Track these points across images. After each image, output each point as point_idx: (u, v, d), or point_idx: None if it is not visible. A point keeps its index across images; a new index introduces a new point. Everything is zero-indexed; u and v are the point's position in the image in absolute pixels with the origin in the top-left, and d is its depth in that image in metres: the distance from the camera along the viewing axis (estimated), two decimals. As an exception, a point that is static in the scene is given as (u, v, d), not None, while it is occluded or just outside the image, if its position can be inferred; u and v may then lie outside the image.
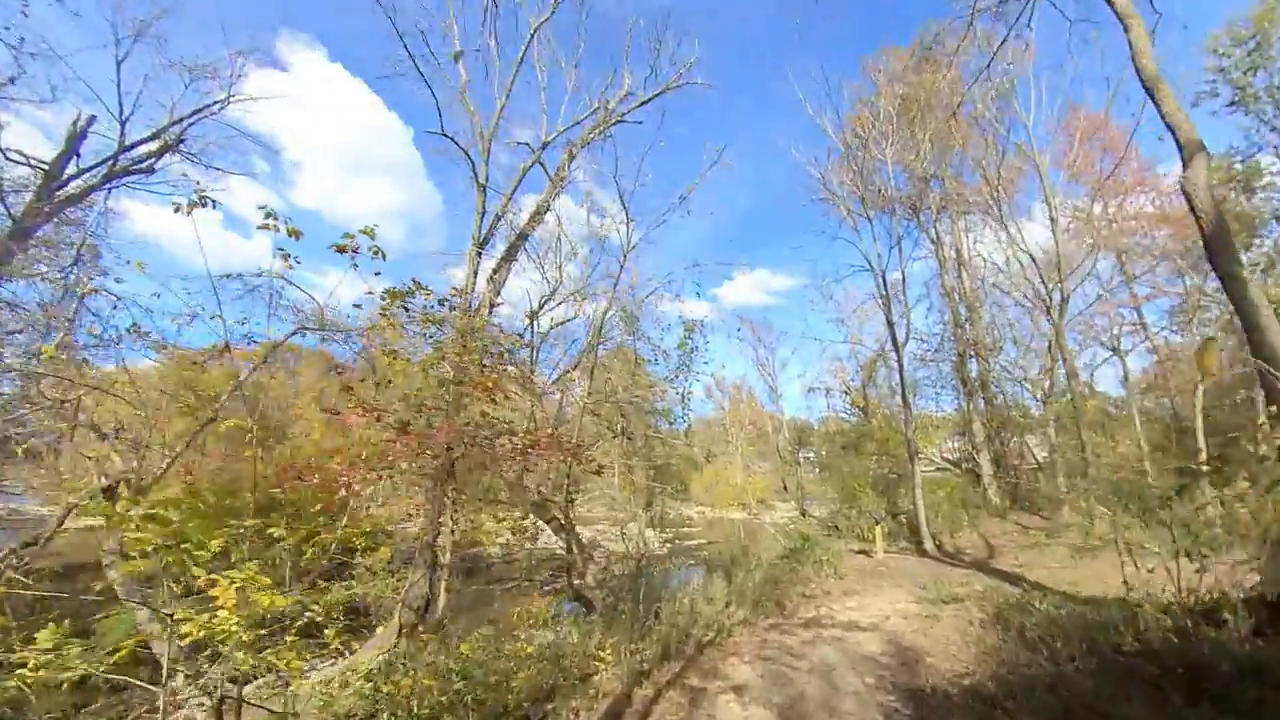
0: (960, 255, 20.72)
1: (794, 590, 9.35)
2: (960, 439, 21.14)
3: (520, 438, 6.53)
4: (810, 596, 9.09)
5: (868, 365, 20.53)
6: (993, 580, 9.40)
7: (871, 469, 18.37)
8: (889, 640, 6.39)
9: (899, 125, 15.67)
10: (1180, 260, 18.08)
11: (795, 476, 19.51)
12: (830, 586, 9.70)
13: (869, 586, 9.61)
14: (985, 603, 7.40)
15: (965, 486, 18.07)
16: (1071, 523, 16.41)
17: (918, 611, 7.61)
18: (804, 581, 9.95)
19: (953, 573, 10.39)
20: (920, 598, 8.35)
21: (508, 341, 6.38)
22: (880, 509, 14.35)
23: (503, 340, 6.27)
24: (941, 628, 6.67)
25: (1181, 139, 6.04)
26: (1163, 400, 24.10)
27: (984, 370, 20.30)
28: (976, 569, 10.61)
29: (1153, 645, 4.75)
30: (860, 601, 8.59)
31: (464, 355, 5.92)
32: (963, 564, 11.46)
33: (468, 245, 14.34)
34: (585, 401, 10.23)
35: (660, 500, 11.97)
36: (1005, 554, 11.96)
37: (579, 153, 15.54)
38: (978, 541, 14.11)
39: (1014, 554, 11.87)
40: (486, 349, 6.26)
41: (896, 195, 15.01)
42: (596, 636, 6.10)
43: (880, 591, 9.20)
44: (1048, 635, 5.36)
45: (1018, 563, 10.82)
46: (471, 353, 6.22)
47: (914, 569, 11.04)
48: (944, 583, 9.18)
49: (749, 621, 8.14)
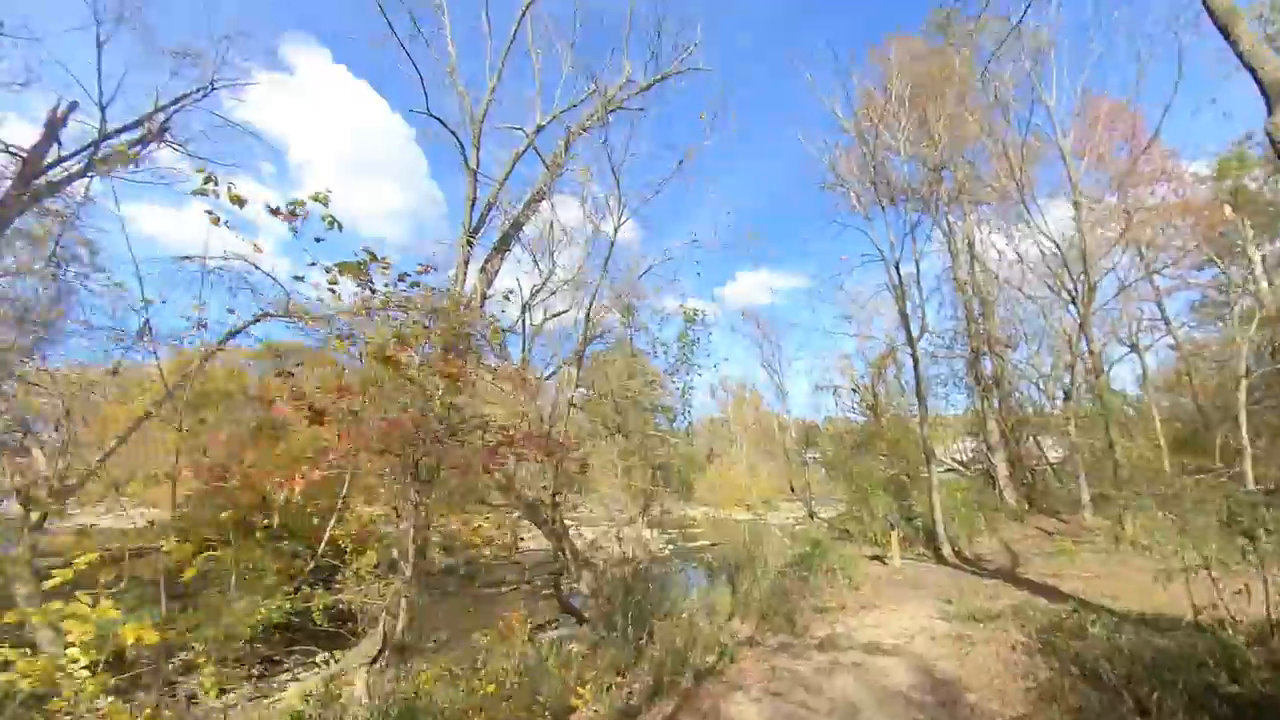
0: (973, 248, 19.67)
1: (805, 603, 8.38)
2: (973, 439, 20.06)
3: (492, 434, 5.60)
4: (823, 610, 8.11)
5: (877, 362, 19.51)
6: (1023, 593, 8.38)
7: (882, 470, 17.34)
8: (919, 669, 5.41)
9: (910, 109, 14.68)
10: (1207, 249, 16.96)
11: (802, 477, 18.48)
12: (845, 598, 8.71)
13: (888, 598, 8.61)
14: (1024, 622, 6.41)
15: (980, 488, 17.00)
16: (1094, 526, 15.35)
17: (947, 631, 6.62)
18: (816, 592, 8.97)
19: (977, 583, 9.38)
20: (947, 613, 7.36)
21: (480, 323, 5.48)
22: (893, 512, 13.33)
23: (468, 317, 5.33)
24: (979, 654, 5.68)
25: (1265, 79, 5.01)
26: (1180, 398, 22.96)
27: (998, 367, 19.21)
28: (1002, 579, 9.58)
29: (1258, 687, 3.76)
30: (880, 617, 7.61)
31: (422, 338, 5.00)
32: (985, 572, 10.43)
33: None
34: (574, 396, 9.31)
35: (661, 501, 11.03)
36: (1030, 561, 10.92)
37: (576, 140, 14.60)
38: (997, 547, 13.06)
39: (1040, 561, 10.83)
40: (455, 332, 5.34)
41: (908, 183, 14.03)
42: (575, 668, 5.13)
43: (901, 604, 8.21)
44: (1116, 669, 4.38)
45: (1046, 572, 9.78)
46: (439, 336, 5.29)
47: (934, 578, 10.03)
48: (970, 595, 8.18)
49: (755, 641, 7.18)
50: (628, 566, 9.59)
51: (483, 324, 5.88)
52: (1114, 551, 11.07)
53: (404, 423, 4.94)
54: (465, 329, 5.60)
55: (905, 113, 14.62)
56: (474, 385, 5.59)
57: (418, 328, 5.26)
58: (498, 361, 7.15)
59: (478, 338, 5.76)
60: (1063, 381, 17.66)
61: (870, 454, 18.19)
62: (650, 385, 10.26)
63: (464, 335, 5.31)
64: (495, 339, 7.03)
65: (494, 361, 6.29)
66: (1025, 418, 19.25)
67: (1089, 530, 14.73)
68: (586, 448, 10.93)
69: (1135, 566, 9.91)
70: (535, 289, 11.37)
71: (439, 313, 5.50)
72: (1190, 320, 22.67)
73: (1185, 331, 20.92)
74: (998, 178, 14.63)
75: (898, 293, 13.03)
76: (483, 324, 5.88)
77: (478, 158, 13.55)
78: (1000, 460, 18.05)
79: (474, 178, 13.52)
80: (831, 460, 20.02)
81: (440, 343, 5.20)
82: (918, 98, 15.65)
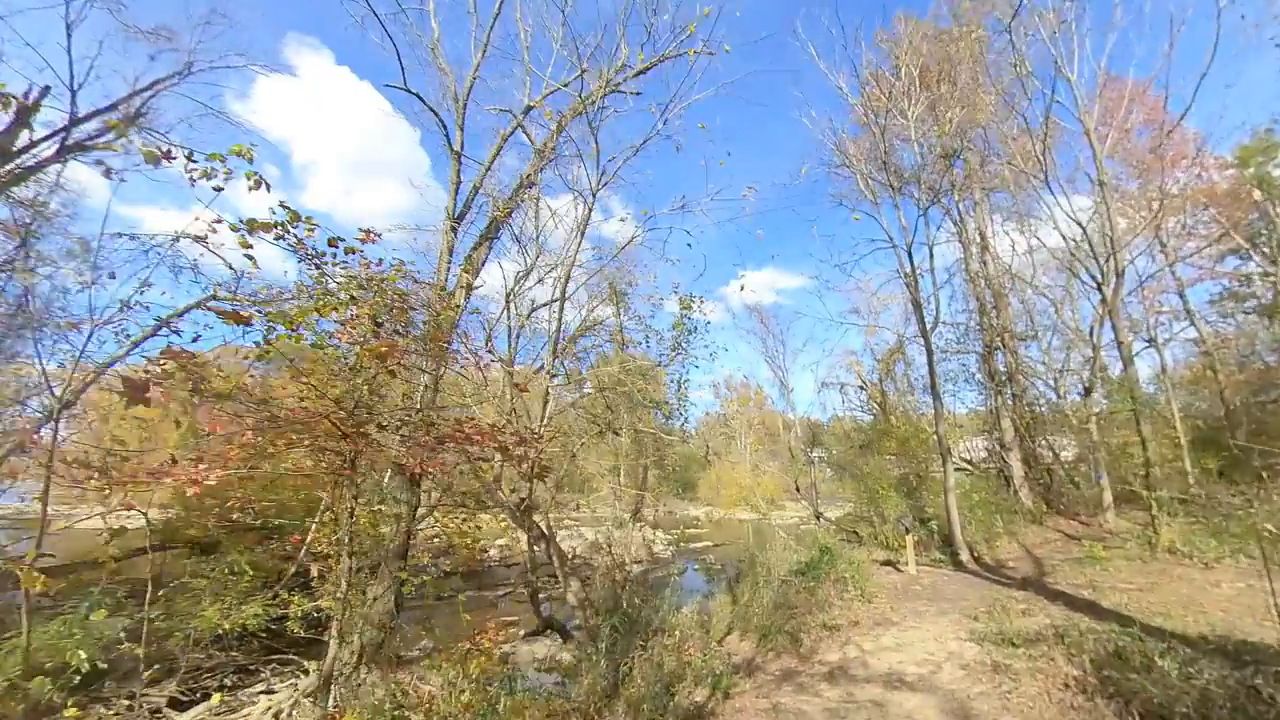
0: (984, 238, 18.54)
1: (812, 619, 7.34)
2: (986, 437, 18.91)
3: (433, 428, 4.62)
4: (833, 628, 7.07)
5: (886, 357, 18.41)
6: (1059, 608, 7.30)
7: (892, 470, 16.24)
8: (954, 713, 4.38)
9: (921, 89, 13.63)
10: (1236, 236, 15.79)
11: (808, 477, 17.40)
12: (858, 612, 7.67)
13: (906, 613, 7.56)
14: (1072, 648, 5.35)
15: (995, 489, 15.87)
16: (1118, 530, 14.22)
17: (980, 658, 5.58)
18: (824, 605, 7.93)
19: (1003, 594, 8.30)
20: (977, 634, 6.31)
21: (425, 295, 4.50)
22: (907, 514, 12.25)
23: (388, 287, 4.33)
24: (1025, 690, 4.64)
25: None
26: (1199, 394, 21.72)
27: (1011, 363, 18.06)
28: (1031, 589, 8.50)
29: None
30: (899, 637, 6.56)
31: (345, 309, 4.02)
32: (1011, 581, 9.35)
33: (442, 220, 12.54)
34: (550, 388, 8.31)
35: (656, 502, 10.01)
36: (1058, 569, 9.82)
37: (569, 124, 13.57)
38: (1017, 552, 11.96)
39: (1069, 569, 9.73)
40: (389, 307, 4.35)
41: (920, 165, 12.97)
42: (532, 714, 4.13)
43: (922, 621, 7.15)
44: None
45: (1079, 582, 8.69)
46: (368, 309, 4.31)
47: (956, 589, 8.96)
48: (1001, 610, 7.12)
49: (755, 666, 6.16)
50: (617, 574, 8.60)
51: (442, 306, 4.92)
52: (1150, 559, 9.96)
53: (320, 412, 3.97)
54: (441, 317, 4.65)
55: (915, 92, 13.57)
56: (405, 367, 4.58)
57: (331, 300, 4.28)
58: (468, 353, 6.17)
59: (405, 306, 4.71)
60: (1081, 376, 16.50)
61: (879, 453, 17.08)
62: (644, 378, 9.23)
63: (447, 327, 4.32)
64: (446, 319, 6.03)
65: (456, 350, 5.30)
66: (1041, 415, 18.09)
67: (1114, 534, 13.60)
68: (573, 445, 9.93)
69: (1178, 576, 8.81)
70: (520, 275, 10.40)
71: (366, 282, 4.50)
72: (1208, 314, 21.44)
73: (1208, 326, 19.67)
74: (1014, 157, 13.52)
75: (909, 280, 11.96)
76: (442, 306, 4.92)
77: (461, 139, 12.59)
78: (1015, 459, 16.91)
79: (458, 160, 12.56)
80: (839, 460, 18.91)
81: (364, 314, 4.21)
82: (927, 77, 14.60)
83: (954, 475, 16.51)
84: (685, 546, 28.91)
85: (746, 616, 8.48)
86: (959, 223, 18.24)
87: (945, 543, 11.65)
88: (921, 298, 12.21)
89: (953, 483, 11.17)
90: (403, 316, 4.20)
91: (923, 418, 17.87)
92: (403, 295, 4.53)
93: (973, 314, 18.40)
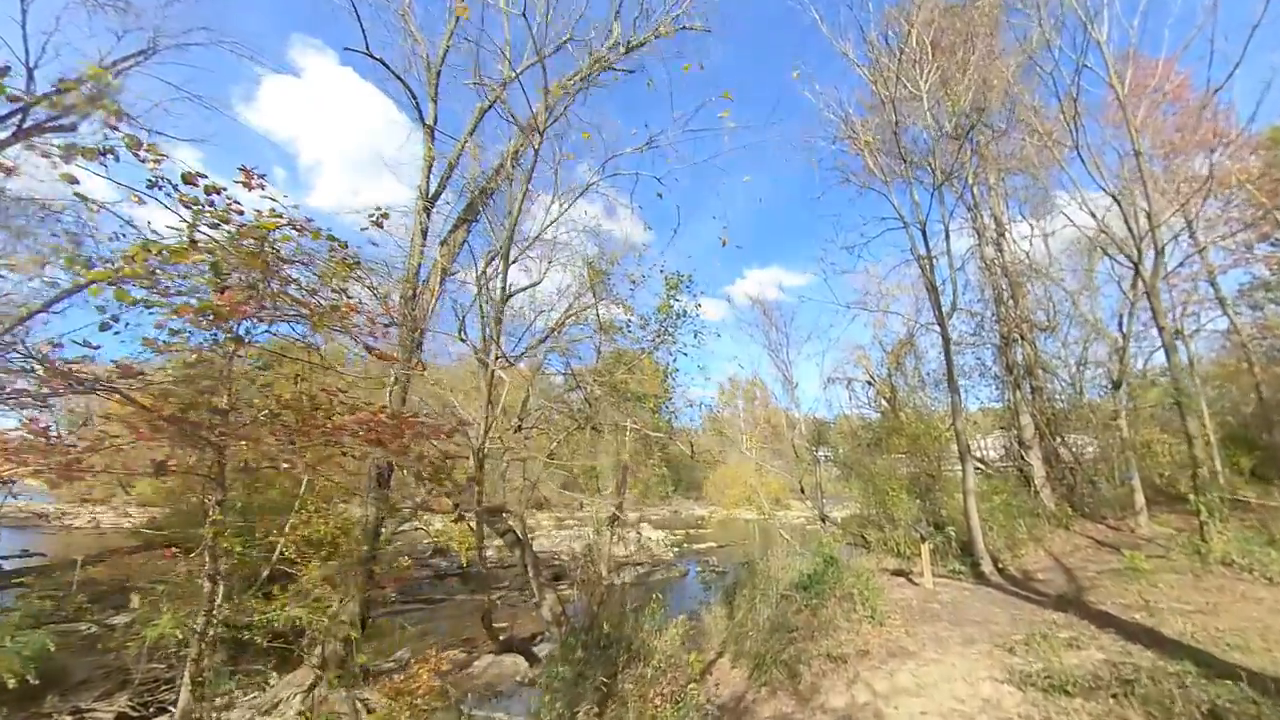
0: (1000, 223, 17.13)
1: (815, 647, 6.09)
2: (1003, 435, 17.47)
3: (314, 416, 3.44)
4: (839, 659, 5.81)
5: (896, 349, 17.04)
6: (1110, 636, 5.99)
7: (902, 469, 14.88)
8: (1006, 807, 3.13)
9: (934, 58, 12.30)
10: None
11: (813, 476, 16.09)
12: (868, 638, 6.40)
13: (926, 640, 6.28)
14: (1146, 702, 4.07)
15: (1015, 490, 14.46)
16: (1152, 535, 12.79)
17: (1024, 710, 4.31)
18: (828, 628, 6.67)
19: (1040, 617, 7.00)
20: (1016, 672, 5.02)
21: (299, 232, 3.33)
22: (921, 519, 10.95)
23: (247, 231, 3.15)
24: (1099, 772, 3.37)
25: None
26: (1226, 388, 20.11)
27: (1030, 355, 16.61)
28: (1072, 610, 7.16)
29: None
30: (919, 675, 5.29)
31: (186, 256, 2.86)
32: (1044, 599, 8.02)
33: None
34: (494, 370, 7.11)
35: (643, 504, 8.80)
36: (1097, 584, 8.48)
37: (555, 102, 12.36)
38: (1045, 561, 10.60)
39: (1109, 583, 8.38)
40: (253, 255, 3.17)
41: (936, 137, 11.66)
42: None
43: (945, 651, 5.87)
44: None
45: (1126, 600, 7.35)
46: (226, 255, 3.15)
47: (981, 607, 7.65)
48: (1041, 640, 5.82)
49: (744, 709, 4.93)
50: (593, 589, 7.40)
51: (337, 265, 3.76)
52: (1202, 572, 8.58)
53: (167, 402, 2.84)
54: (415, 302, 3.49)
55: (927, 60, 12.24)
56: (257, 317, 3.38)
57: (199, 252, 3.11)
58: (374, 344, 4.99)
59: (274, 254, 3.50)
60: (1109, 368, 15.04)
61: (888, 451, 15.73)
62: (628, 368, 8.02)
63: (267, 257, 3.14)
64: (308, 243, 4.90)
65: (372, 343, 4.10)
66: (1062, 410, 16.63)
67: (1149, 540, 12.19)
68: (550, 442, 8.73)
69: (1241, 595, 7.45)
70: (490, 254, 9.22)
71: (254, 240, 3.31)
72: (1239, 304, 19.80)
73: (1241, 316, 18.07)
74: (1034, 130, 12.14)
75: (924, 262, 10.65)
76: (337, 265, 3.76)
77: (435, 112, 11.45)
78: (1036, 458, 15.48)
79: (430, 136, 11.42)
80: (845, 459, 17.57)
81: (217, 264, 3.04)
82: (940, 44, 13.25)
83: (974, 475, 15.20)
84: (688, 548, 27.67)
85: (740, 637, 7.25)
86: (973, 208, 16.85)
87: (964, 550, 10.32)
88: (937, 282, 10.88)
89: (973, 483, 9.84)
90: (255, 264, 3.01)
91: (934, 414, 16.49)
92: (275, 249, 3.35)
93: (988, 304, 16.98)
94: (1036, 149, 12.55)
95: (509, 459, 9.12)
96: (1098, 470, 16.76)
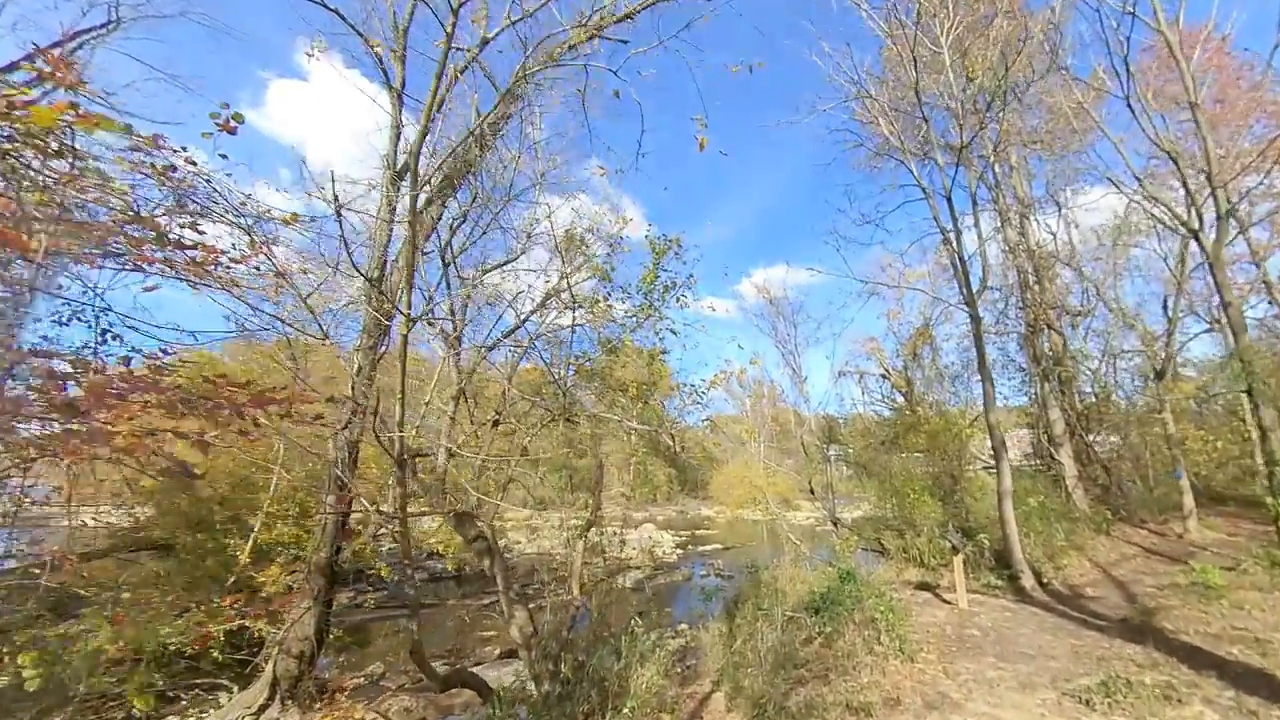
0: (1023, 202, 15.60)
1: (830, 692, 4.73)
2: (1030, 431, 15.92)
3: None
4: (861, 711, 4.45)
5: (913, 339, 15.57)
6: (1211, 680, 4.58)
7: (921, 468, 13.43)
8: None
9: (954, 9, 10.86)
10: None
11: (824, 476, 14.69)
12: (896, 679, 5.02)
13: (969, 682, 4.89)
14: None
15: (1046, 491, 12.93)
16: (1203, 542, 11.29)
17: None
18: (846, 664, 5.30)
19: (1107, 647, 5.58)
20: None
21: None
22: (946, 523, 9.52)
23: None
24: None
25: None
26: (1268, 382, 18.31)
27: (1058, 345, 15.05)
28: (1149, 641, 5.71)
29: None
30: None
31: None
32: (1104, 622, 6.58)
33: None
34: (442, 348, 5.83)
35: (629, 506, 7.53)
36: (1164, 603, 7.01)
37: (540, 69, 11.04)
38: (1092, 573, 9.12)
39: (1178, 603, 6.92)
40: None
41: (960, 99, 10.22)
42: None
43: (998, 700, 4.49)
44: None
45: (1215, 629, 5.90)
46: None
47: (1030, 634, 6.23)
48: (1122, 683, 4.42)
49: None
50: (563, 614, 6.10)
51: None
52: None
53: None
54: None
55: (948, 15, 10.81)
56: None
57: None
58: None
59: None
60: (1153, 357, 13.46)
61: (906, 450, 14.28)
62: (609, 351, 6.71)
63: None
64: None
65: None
66: (1095, 404, 15.06)
67: (1201, 548, 10.68)
68: (524, 438, 7.45)
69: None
70: (454, 223, 7.98)
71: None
72: None
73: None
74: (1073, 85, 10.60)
75: (948, 235, 9.23)
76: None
77: (402, 75, 10.20)
78: (1067, 456, 13.94)
79: (398, 100, 10.16)
80: (858, 457, 16.11)
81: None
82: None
83: (986, 476, 13.69)
84: (693, 549, 26.27)
85: (739, 667, 5.90)
86: (994, 188, 15.35)
87: (998, 561, 8.87)
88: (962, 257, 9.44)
89: (1009, 484, 8.39)
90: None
91: (956, 409, 14.99)
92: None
93: (1011, 290, 15.44)
94: (1073, 111, 11.03)
95: (482, 456, 7.87)
96: (1135, 469, 15.19)
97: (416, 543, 16.86)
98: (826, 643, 5.74)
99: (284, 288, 5.23)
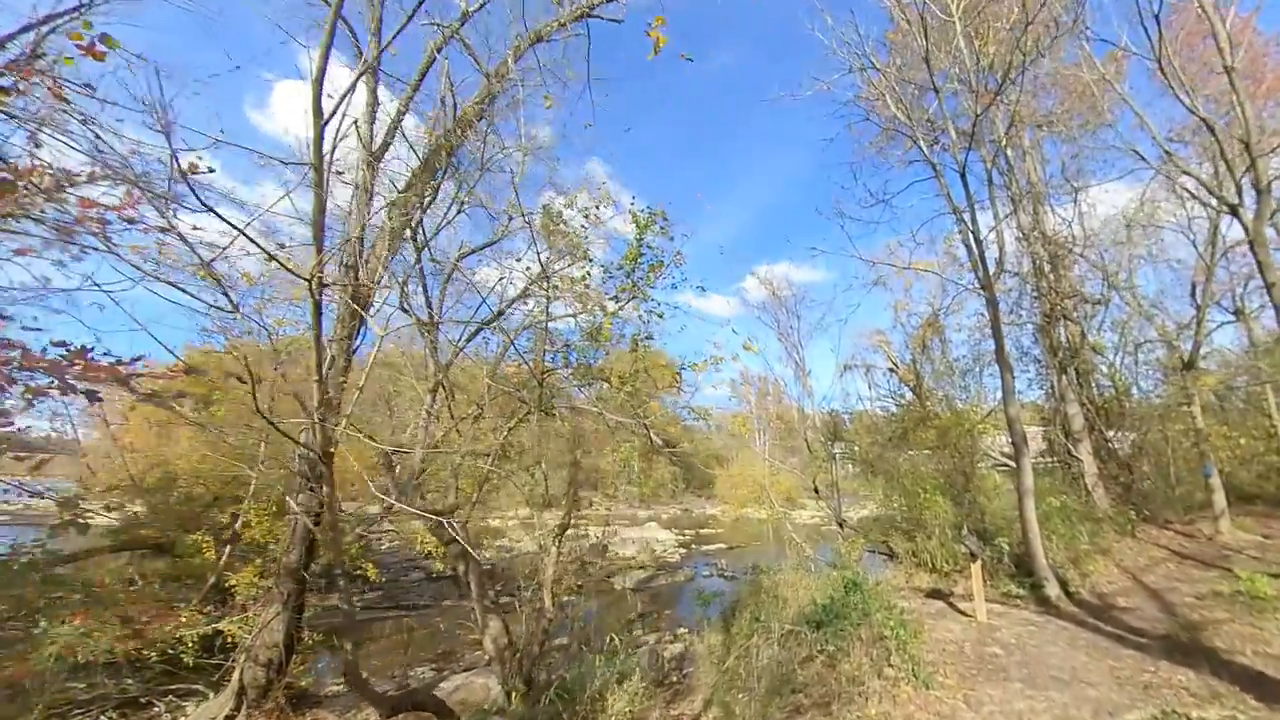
0: (1036, 187, 14.73)
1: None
2: (1046, 426, 15.04)
3: None
4: (870, 753, 3.72)
5: (921, 331, 14.75)
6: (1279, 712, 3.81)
7: (931, 466, 12.62)
8: None
9: None
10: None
11: (828, 474, 13.92)
12: (909, 711, 4.29)
13: (993, 714, 4.16)
14: None
15: (1067, 489, 12.10)
16: (1236, 544, 10.46)
17: None
18: (851, 692, 4.56)
19: (1152, 672, 4.81)
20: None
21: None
22: (961, 525, 8.74)
23: None
24: None
25: None
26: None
27: (1075, 335, 14.17)
28: (1193, 661, 4.94)
29: None
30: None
31: None
32: (1143, 638, 5.80)
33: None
34: (390, 329, 5.16)
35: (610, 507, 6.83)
36: (1207, 616, 6.23)
37: (528, 49, 10.33)
38: (1121, 580, 8.31)
39: (1224, 616, 6.13)
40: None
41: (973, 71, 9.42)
42: None
43: (1032, 745, 3.75)
44: None
45: (1270, 647, 5.11)
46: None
47: (1060, 652, 5.47)
48: (1179, 717, 3.68)
49: None
50: (535, 628, 5.42)
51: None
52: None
53: None
54: None
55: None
56: None
57: None
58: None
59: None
60: (1174, 345, 12.57)
61: (915, 446, 13.48)
62: (592, 337, 6.01)
63: None
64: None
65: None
66: (1115, 398, 14.18)
67: (1236, 551, 9.86)
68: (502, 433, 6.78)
69: None
70: (426, 203, 7.33)
71: None
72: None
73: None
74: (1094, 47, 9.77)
75: (962, 214, 8.45)
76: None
77: (378, 50, 9.55)
78: (1086, 453, 13.08)
79: (374, 78, 9.54)
80: (864, 454, 15.32)
81: None
82: None
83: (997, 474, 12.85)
84: (697, 549, 25.56)
85: (731, 688, 5.19)
86: (1006, 172, 14.48)
87: (1018, 567, 8.09)
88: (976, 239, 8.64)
89: (1030, 482, 7.61)
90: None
91: (967, 404, 14.17)
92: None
93: (1026, 278, 14.57)
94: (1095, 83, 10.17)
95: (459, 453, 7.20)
96: (1156, 466, 14.28)
97: (409, 542, 16.30)
98: (829, 663, 5.01)
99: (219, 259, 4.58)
